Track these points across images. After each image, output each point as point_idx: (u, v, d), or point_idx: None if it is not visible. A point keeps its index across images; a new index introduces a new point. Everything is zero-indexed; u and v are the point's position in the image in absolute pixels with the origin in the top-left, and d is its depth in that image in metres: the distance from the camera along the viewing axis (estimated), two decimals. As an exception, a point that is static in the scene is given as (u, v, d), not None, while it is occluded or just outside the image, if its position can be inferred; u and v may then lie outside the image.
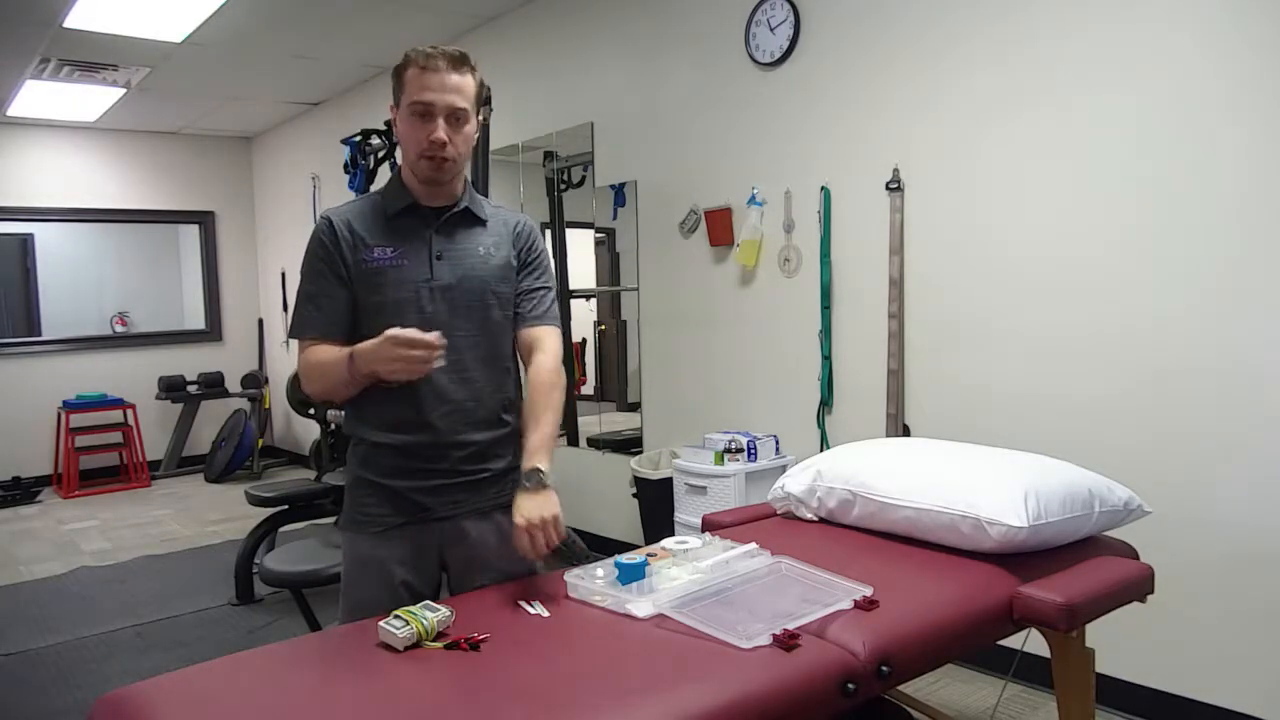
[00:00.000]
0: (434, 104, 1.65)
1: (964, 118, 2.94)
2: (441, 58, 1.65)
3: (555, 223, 4.81)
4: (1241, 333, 2.38)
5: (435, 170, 1.69)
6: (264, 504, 4.03)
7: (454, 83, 1.66)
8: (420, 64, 1.65)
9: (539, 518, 1.58)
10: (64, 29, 4.62)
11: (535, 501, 1.60)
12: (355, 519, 1.77)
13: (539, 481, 1.62)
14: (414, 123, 1.66)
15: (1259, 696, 2.42)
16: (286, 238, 7.36)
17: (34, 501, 6.56)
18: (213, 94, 6.28)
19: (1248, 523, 2.40)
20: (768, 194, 3.58)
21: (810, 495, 2.06)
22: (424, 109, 1.65)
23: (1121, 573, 1.78)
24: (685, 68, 3.90)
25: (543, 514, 1.58)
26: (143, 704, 1.24)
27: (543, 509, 1.59)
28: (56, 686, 3.24)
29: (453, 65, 1.66)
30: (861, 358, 3.30)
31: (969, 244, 2.96)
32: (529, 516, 1.58)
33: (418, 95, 1.64)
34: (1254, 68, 2.32)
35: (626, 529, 4.35)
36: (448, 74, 1.65)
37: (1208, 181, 2.42)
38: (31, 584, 4.54)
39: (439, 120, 1.65)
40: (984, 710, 2.74)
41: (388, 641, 1.39)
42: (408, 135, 1.68)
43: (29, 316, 7.19)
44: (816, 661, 1.34)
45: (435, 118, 1.65)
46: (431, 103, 1.64)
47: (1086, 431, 2.69)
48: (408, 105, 1.66)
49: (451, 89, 1.66)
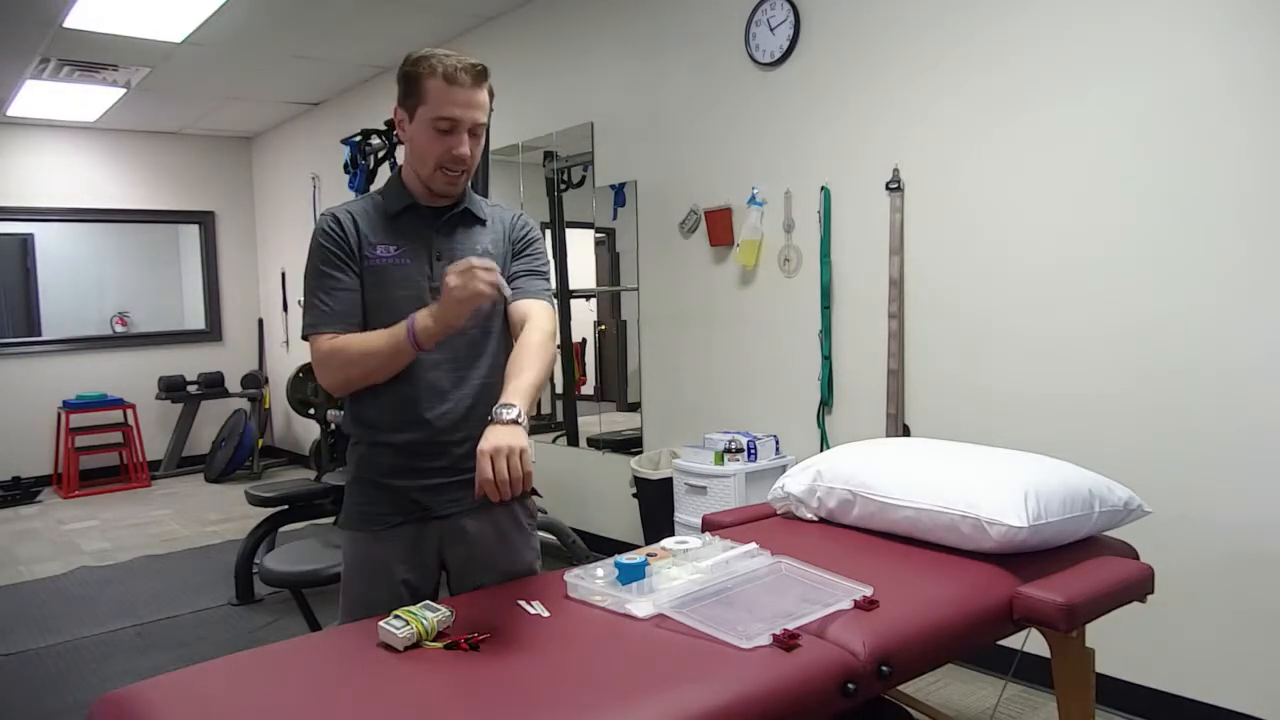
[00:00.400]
0: (460, 120, 1.63)
1: (964, 118, 2.94)
2: (467, 73, 1.63)
3: (555, 223, 4.81)
4: (1242, 333, 2.38)
5: (450, 184, 1.70)
6: (264, 504, 4.03)
7: (479, 99, 1.65)
8: (446, 77, 1.62)
9: (506, 445, 1.41)
10: (64, 29, 4.62)
11: (501, 431, 1.45)
12: (355, 518, 1.77)
13: (510, 418, 1.47)
14: (435, 136, 1.65)
15: (1259, 696, 2.42)
16: (286, 238, 7.36)
17: (34, 501, 6.56)
18: (213, 94, 6.28)
19: (1248, 523, 2.40)
20: (768, 194, 3.58)
21: (810, 495, 2.06)
22: (450, 125, 1.64)
23: (1121, 573, 1.78)
24: (685, 68, 3.90)
25: (509, 443, 1.42)
26: (143, 704, 1.24)
27: (510, 439, 1.43)
28: (56, 686, 3.24)
29: (476, 81, 1.65)
30: (861, 358, 3.30)
31: (969, 244, 2.96)
32: (492, 443, 1.42)
33: (444, 111, 1.62)
34: (1254, 68, 2.32)
35: (626, 529, 4.35)
36: (473, 90, 1.64)
37: (1209, 181, 2.42)
38: (31, 584, 4.54)
39: (463, 136, 1.65)
40: (984, 710, 2.74)
41: (388, 641, 1.39)
42: (427, 147, 1.66)
43: (29, 316, 7.19)
44: (816, 661, 1.34)
45: (460, 134, 1.65)
46: (458, 119, 1.63)
47: (1087, 431, 2.69)
48: (431, 119, 1.64)
49: (477, 105, 1.65)
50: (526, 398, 1.54)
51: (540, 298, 1.78)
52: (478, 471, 1.42)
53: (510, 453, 1.41)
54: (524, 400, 1.52)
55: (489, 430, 1.46)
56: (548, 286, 1.83)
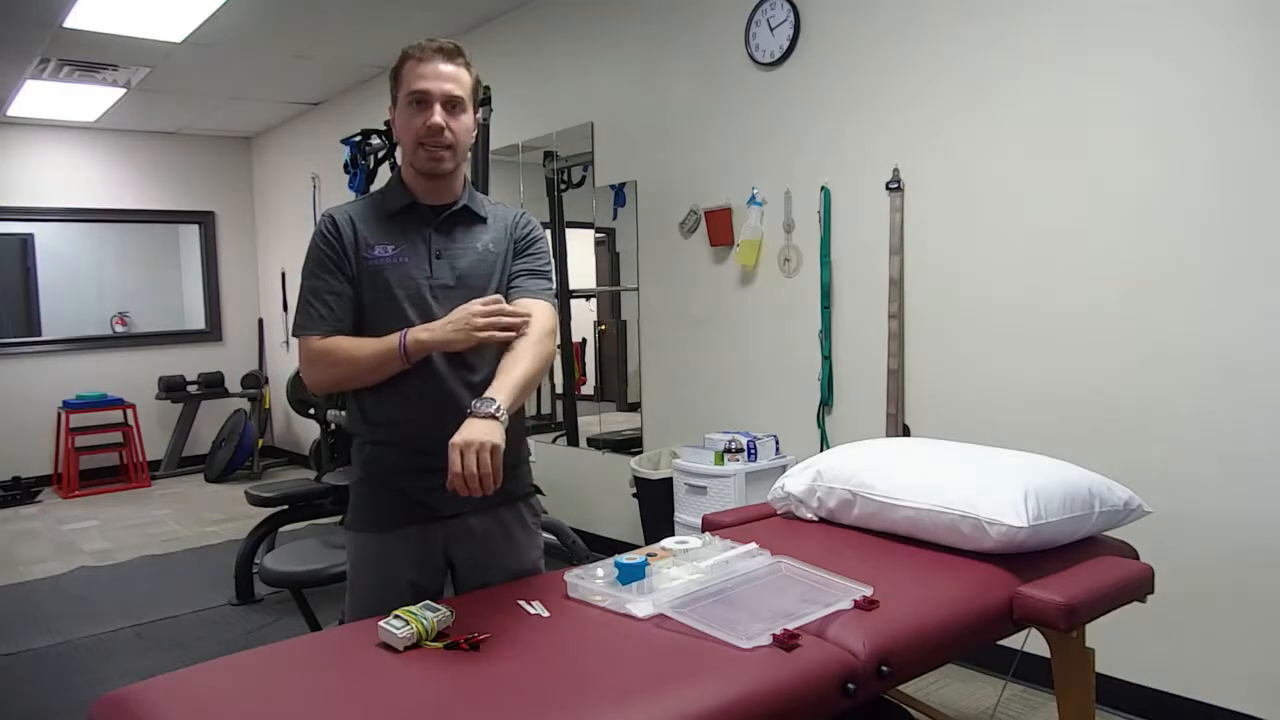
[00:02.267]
0: (430, 91, 1.66)
1: (964, 117, 2.94)
2: (436, 50, 1.68)
3: (555, 223, 4.81)
4: (1244, 333, 2.38)
5: (434, 161, 1.69)
6: (264, 504, 4.03)
7: (449, 72, 1.68)
8: (415, 56, 1.67)
9: (477, 440, 1.43)
10: (64, 29, 4.61)
11: (475, 426, 1.47)
12: (361, 519, 1.77)
13: (489, 412, 1.49)
14: (410, 112, 1.68)
15: (1259, 696, 2.42)
16: (286, 238, 7.36)
17: (34, 501, 6.56)
18: (213, 94, 6.28)
19: (1248, 522, 2.40)
20: (768, 194, 3.58)
21: (810, 495, 2.05)
22: (420, 96, 1.66)
23: (1121, 573, 1.78)
24: (685, 68, 3.90)
25: (479, 437, 1.44)
26: (143, 704, 1.24)
27: (483, 434, 1.45)
28: (56, 686, 3.24)
29: (446, 56, 1.68)
30: (861, 358, 3.30)
31: (969, 244, 2.96)
32: (463, 436, 1.44)
33: (414, 85, 1.66)
34: (1255, 69, 2.32)
35: (626, 529, 4.35)
36: (442, 63, 1.67)
37: (1210, 177, 2.42)
38: (31, 584, 4.54)
39: (435, 107, 1.66)
40: (984, 710, 2.74)
41: (387, 641, 1.39)
42: (405, 126, 1.69)
43: (29, 316, 7.19)
44: (816, 661, 1.34)
45: (431, 105, 1.66)
46: (427, 90, 1.66)
47: (1087, 431, 2.69)
48: (405, 96, 1.68)
49: (447, 78, 1.67)
50: (511, 393, 1.56)
51: (541, 297, 1.78)
52: (449, 464, 1.44)
53: (481, 448, 1.44)
54: (508, 396, 1.55)
55: (465, 423, 1.49)
56: (548, 286, 1.83)
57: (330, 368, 1.68)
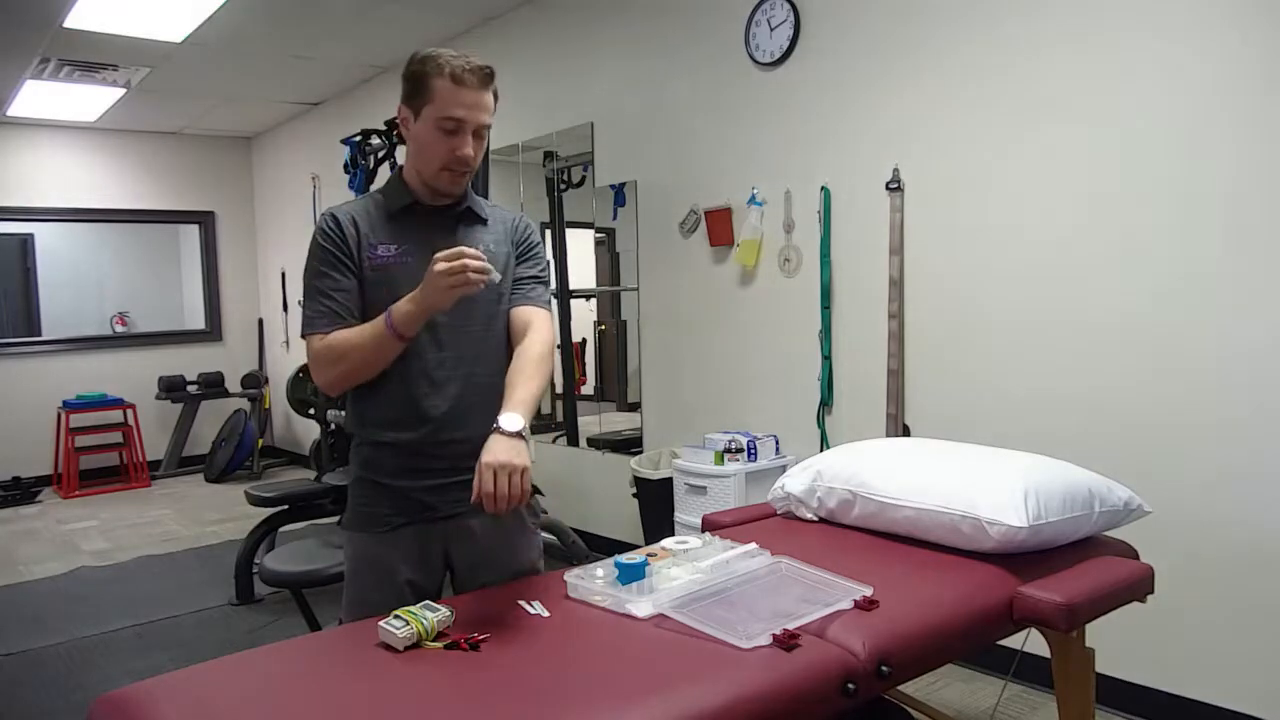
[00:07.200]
0: (465, 121, 1.64)
1: (964, 117, 2.94)
2: (474, 74, 1.64)
3: (555, 223, 4.81)
4: (1243, 333, 2.38)
5: (455, 184, 1.71)
6: (264, 504, 4.03)
7: (485, 101, 1.67)
8: (454, 78, 1.62)
9: (509, 464, 1.45)
10: (64, 29, 4.62)
11: (506, 445, 1.48)
12: (359, 519, 1.77)
13: (515, 429, 1.50)
14: (440, 136, 1.65)
15: (1259, 696, 2.42)
16: (286, 238, 7.36)
17: (34, 501, 6.56)
18: (213, 94, 6.28)
19: (1248, 523, 2.40)
20: (768, 194, 3.58)
21: (810, 495, 2.06)
22: (455, 125, 1.64)
23: (1121, 573, 1.78)
24: (685, 68, 3.90)
25: (511, 459, 1.46)
26: (143, 704, 1.24)
27: (511, 455, 1.47)
28: (56, 686, 3.24)
29: (483, 83, 1.66)
30: (861, 358, 3.30)
31: (969, 244, 2.96)
32: (496, 458, 1.46)
33: (450, 111, 1.63)
34: (1255, 69, 2.32)
35: (626, 529, 4.35)
36: (480, 92, 1.65)
37: (1209, 180, 2.42)
38: (31, 584, 4.54)
39: (468, 136, 1.66)
40: (984, 710, 2.74)
41: (387, 641, 1.39)
42: (432, 147, 1.67)
43: (29, 316, 7.19)
44: (816, 661, 1.34)
45: (465, 134, 1.65)
46: (464, 120, 1.64)
47: (1087, 431, 2.69)
48: (436, 119, 1.64)
49: (482, 107, 1.66)
50: (530, 413, 1.59)
51: (543, 306, 1.81)
52: (479, 483, 1.46)
53: (513, 471, 1.47)
54: (527, 413, 1.58)
55: (492, 440, 1.50)
56: (547, 291, 1.85)
57: (335, 363, 1.67)
